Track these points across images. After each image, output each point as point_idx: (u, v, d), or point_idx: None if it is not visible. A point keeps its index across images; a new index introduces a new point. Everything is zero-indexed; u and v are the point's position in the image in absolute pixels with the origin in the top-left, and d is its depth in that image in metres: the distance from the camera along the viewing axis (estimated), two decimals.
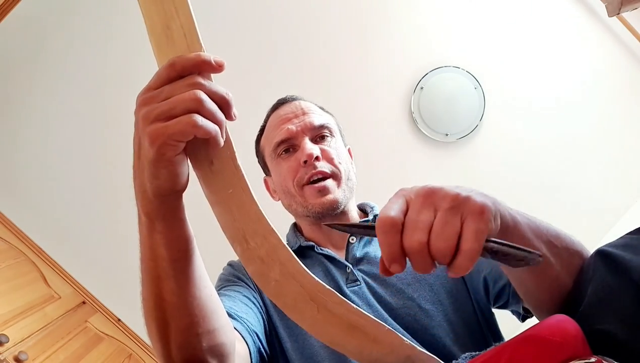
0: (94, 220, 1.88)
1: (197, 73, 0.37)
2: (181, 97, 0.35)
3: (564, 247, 0.44)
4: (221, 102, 0.37)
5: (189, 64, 0.36)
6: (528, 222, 0.42)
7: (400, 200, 0.37)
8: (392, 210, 0.35)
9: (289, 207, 0.80)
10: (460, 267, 0.33)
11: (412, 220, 0.35)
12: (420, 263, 0.35)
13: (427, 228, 0.34)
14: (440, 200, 0.35)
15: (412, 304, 0.66)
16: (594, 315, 0.37)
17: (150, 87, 0.37)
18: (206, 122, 0.35)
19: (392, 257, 0.35)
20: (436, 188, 0.36)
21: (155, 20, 0.37)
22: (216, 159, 0.38)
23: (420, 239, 0.34)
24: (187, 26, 0.37)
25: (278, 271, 0.40)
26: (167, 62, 0.36)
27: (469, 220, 0.34)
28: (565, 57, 1.73)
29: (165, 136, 0.34)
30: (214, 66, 0.37)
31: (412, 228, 0.34)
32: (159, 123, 0.35)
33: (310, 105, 0.81)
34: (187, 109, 0.35)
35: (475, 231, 0.33)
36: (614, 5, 1.34)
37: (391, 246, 0.35)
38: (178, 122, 0.34)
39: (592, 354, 0.33)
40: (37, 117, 1.83)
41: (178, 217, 0.41)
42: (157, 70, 0.37)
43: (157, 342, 0.45)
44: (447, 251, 0.33)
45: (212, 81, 0.38)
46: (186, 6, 0.37)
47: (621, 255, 0.38)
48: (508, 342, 0.35)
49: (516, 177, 1.78)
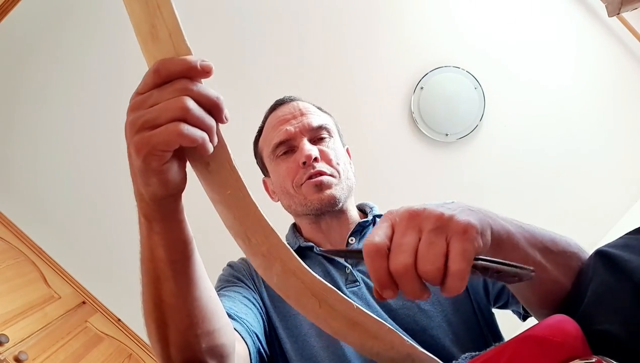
0: (94, 220, 1.88)
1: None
2: (167, 105, 0.34)
3: (560, 251, 0.44)
4: (211, 106, 0.36)
5: (175, 70, 0.35)
6: (522, 231, 0.41)
7: (386, 224, 0.36)
8: (377, 236, 0.35)
9: (288, 207, 0.80)
10: (452, 288, 0.33)
11: (396, 244, 0.34)
12: (409, 287, 0.34)
13: (412, 251, 0.34)
14: (424, 221, 0.35)
15: (412, 305, 0.66)
16: (594, 315, 0.37)
17: (138, 91, 0.36)
18: (192, 131, 0.34)
19: (381, 283, 0.34)
20: (419, 209, 0.36)
21: (140, 19, 0.35)
22: (212, 161, 0.38)
23: (404, 262, 0.33)
24: (171, 26, 0.35)
25: (279, 267, 0.41)
26: (152, 67, 0.35)
27: (454, 240, 0.33)
28: (565, 57, 1.72)
29: (149, 146, 0.34)
30: (199, 72, 0.35)
31: (397, 252, 0.34)
32: (145, 132, 0.34)
33: (309, 106, 0.81)
34: (172, 117, 0.33)
35: (462, 251, 0.33)
36: (614, 5, 1.34)
37: (377, 271, 0.34)
38: (162, 131, 0.33)
39: (592, 354, 0.33)
40: (37, 117, 1.82)
41: (176, 218, 0.41)
42: (145, 73, 0.36)
43: (156, 343, 0.45)
44: (435, 273, 0.33)
45: (201, 83, 0.36)
46: (169, 5, 0.35)
47: (620, 255, 0.38)
48: (508, 342, 0.35)
49: (516, 177, 1.78)
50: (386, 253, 0.34)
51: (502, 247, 0.39)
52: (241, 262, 0.79)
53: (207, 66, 0.35)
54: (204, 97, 0.35)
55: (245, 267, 0.77)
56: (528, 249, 0.41)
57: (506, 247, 0.39)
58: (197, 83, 0.35)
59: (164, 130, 0.33)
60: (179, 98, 0.34)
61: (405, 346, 0.43)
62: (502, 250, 0.39)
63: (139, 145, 0.34)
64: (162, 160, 0.35)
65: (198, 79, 0.36)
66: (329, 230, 0.78)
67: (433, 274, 0.33)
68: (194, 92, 0.35)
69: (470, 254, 0.33)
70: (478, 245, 0.34)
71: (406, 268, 0.33)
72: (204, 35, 1.76)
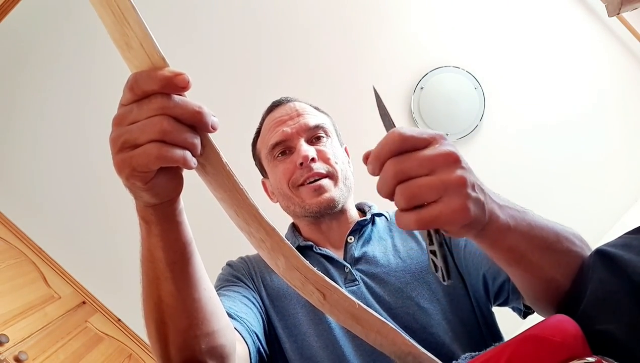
0: (94, 220, 1.89)
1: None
2: (144, 126, 0.33)
3: (560, 250, 0.43)
4: (193, 120, 0.34)
5: (148, 88, 0.33)
6: (521, 227, 0.39)
7: (427, 136, 0.36)
8: (415, 132, 0.35)
9: (287, 208, 0.80)
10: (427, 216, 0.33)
11: (415, 162, 0.35)
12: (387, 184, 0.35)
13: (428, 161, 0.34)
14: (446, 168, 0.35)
15: (411, 303, 0.66)
16: (594, 315, 0.37)
17: (121, 103, 0.35)
18: (171, 152, 0.33)
19: (381, 155, 0.35)
20: (465, 163, 0.36)
21: (111, 28, 0.33)
22: (208, 164, 0.38)
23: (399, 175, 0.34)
24: (140, 35, 0.33)
25: (283, 262, 0.41)
26: (127, 82, 0.34)
27: (451, 193, 0.34)
28: (565, 57, 1.72)
29: (130, 168, 0.33)
30: (175, 88, 0.33)
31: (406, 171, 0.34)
32: (125, 152, 0.33)
33: (305, 106, 0.81)
34: (150, 139, 0.33)
35: (459, 202, 0.33)
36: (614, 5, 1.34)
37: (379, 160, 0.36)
38: (141, 154, 0.33)
39: (592, 354, 0.33)
40: (38, 117, 1.83)
41: (175, 220, 0.40)
42: (125, 84, 0.34)
43: (156, 344, 0.45)
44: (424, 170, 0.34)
45: (181, 95, 0.34)
46: (134, 14, 0.32)
47: (620, 255, 0.38)
48: (508, 341, 0.35)
49: (516, 177, 1.78)
50: (402, 150, 0.35)
51: (501, 239, 0.38)
52: (240, 261, 0.79)
53: (182, 80, 0.33)
54: (183, 112, 0.33)
55: (244, 266, 0.77)
56: (525, 249, 0.40)
57: (499, 246, 0.39)
58: (175, 97, 0.33)
59: (142, 153, 0.33)
60: (155, 119, 0.33)
61: (407, 346, 0.44)
62: (494, 246, 0.39)
63: (120, 165, 0.34)
64: (146, 179, 0.35)
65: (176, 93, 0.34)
66: (328, 230, 0.78)
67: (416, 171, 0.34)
68: (171, 109, 0.33)
69: (463, 210, 0.33)
70: (469, 215, 0.34)
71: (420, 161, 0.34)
72: (200, 34, 1.76)
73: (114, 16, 0.32)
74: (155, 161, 0.33)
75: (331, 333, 0.64)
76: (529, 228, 0.40)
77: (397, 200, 0.35)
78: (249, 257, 0.80)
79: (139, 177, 0.34)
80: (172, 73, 0.33)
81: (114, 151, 0.34)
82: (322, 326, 0.66)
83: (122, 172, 0.34)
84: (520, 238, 0.39)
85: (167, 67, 0.34)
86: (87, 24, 1.74)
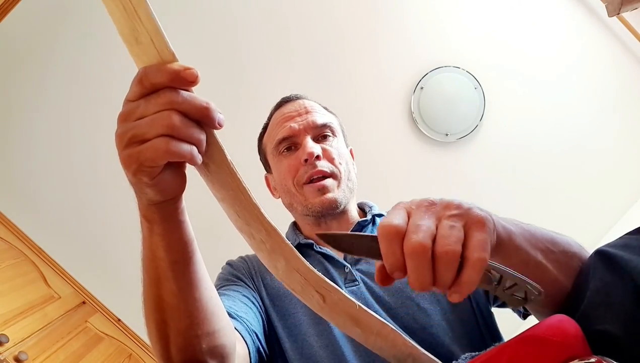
0: (94, 220, 1.88)
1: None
2: (152, 120, 0.33)
3: (561, 251, 0.44)
4: (200, 116, 0.34)
5: (157, 81, 0.33)
6: (522, 232, 0.41)
7: (401, 211, 0.36)
8: (395, 218, 0.35)
9: (289, 205, 0.80)
10: (468, 281, 0.32)
11: (414, 225, 0.34)
12: (419, 270, 0.33)
13: (431, 233, 0.33)
14: (443, 209, 0.35)
15: (411, 303, 0.66)
16: (594, 315, 0.37)
17: (127, 98, 0.35)
18: (179, 147, 0.33)
19: (395, 264, 0.34)
20: (437, 199, 0.36)
21: (121, 23, 0.33)
22: (211, 163, 0.38)
23: (423, 241, 0.32)
24: (151, 30, 0.33)
25: (283, 263, 0.41)
26: (136, 76, 0.34)
27: (473, 229, 0.33)
28: (565, 57, 1.73)
29: (138, 163, 0.33)
30: (183, 82, 0.33)
31: (415, 231, 0.33)
32: (132, 147, 0.33)
33: (314, 105, 0.81)
34: (158, 133, 0.33)
35: (482, 240, 0.32)
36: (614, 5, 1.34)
37: (394, 251, 0.34)
38: (149, 148, 0.33)
39: (592, 354, 0.33)
40: (37, 117, 1.82)
41: (177, 219, 0.40)
42: (132, 79, 0.35)
43: (156, 343, 0.45)
44: (453, 257, 0.32)
45: (189, 91, 0.35)
46: (146, 8, 0.32)
47: (620, 255, 0.38)
48: (508, 342, 0.35)
49: (516, 177, 1.78)
50: (403, 234, 0.34)
51: (503, 247, 0.39)
52: (240, 260, 0.79)
53: (191, 75, 0.33)
54: (191, 108, 0.34)
55: (244, 266, 0.77)
56: (529, 250, 0.41)
57: (507, 248, 0.39)
58: (183, 92, 0.34)
59: (150, 147, 0.33)
60: (164, 113, 0.33)
61: (407, 347, 0.44)
62: (503, 250, 0.39)
63: (127, 160, 0.34)
64: (153, 174, 0.35)
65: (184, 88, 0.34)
66: (328, 230, 0.78)
67: (451, 257, 0.32)
68: (179, 104, 0.33)
69: (488, 246, 0.33)
70: (492, 241, 0.34)
71: (424, 248, 0.32)
72: (204, 35, 1.76)
73: (125, 11, 0.33)
74: (163, 156, 0.33)
75: (331, 333, 0.64)
76: (530, 234, 0.42)
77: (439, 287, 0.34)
78: (249, 257, 0.80)
79: (146, 172, 0.34)
80: (181, 67, 0.33)
81: (121, 147, 0.34)
82: (322, 326, 0.66)
83: (129, 167, 0.34)
84: (524, 241, 0.40)
85: (176, 62, 0.34)
86: (86, 25, 1.74)
